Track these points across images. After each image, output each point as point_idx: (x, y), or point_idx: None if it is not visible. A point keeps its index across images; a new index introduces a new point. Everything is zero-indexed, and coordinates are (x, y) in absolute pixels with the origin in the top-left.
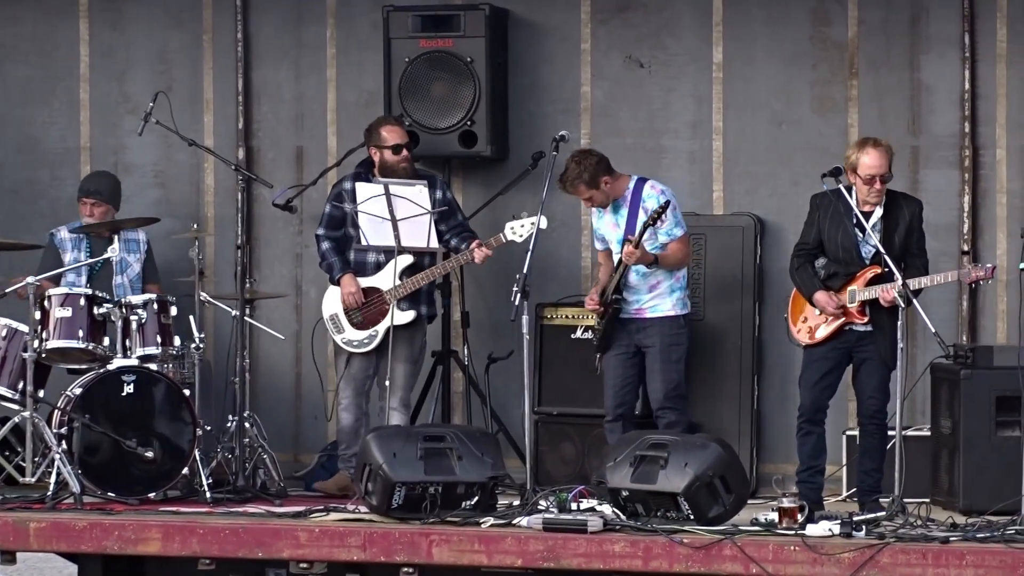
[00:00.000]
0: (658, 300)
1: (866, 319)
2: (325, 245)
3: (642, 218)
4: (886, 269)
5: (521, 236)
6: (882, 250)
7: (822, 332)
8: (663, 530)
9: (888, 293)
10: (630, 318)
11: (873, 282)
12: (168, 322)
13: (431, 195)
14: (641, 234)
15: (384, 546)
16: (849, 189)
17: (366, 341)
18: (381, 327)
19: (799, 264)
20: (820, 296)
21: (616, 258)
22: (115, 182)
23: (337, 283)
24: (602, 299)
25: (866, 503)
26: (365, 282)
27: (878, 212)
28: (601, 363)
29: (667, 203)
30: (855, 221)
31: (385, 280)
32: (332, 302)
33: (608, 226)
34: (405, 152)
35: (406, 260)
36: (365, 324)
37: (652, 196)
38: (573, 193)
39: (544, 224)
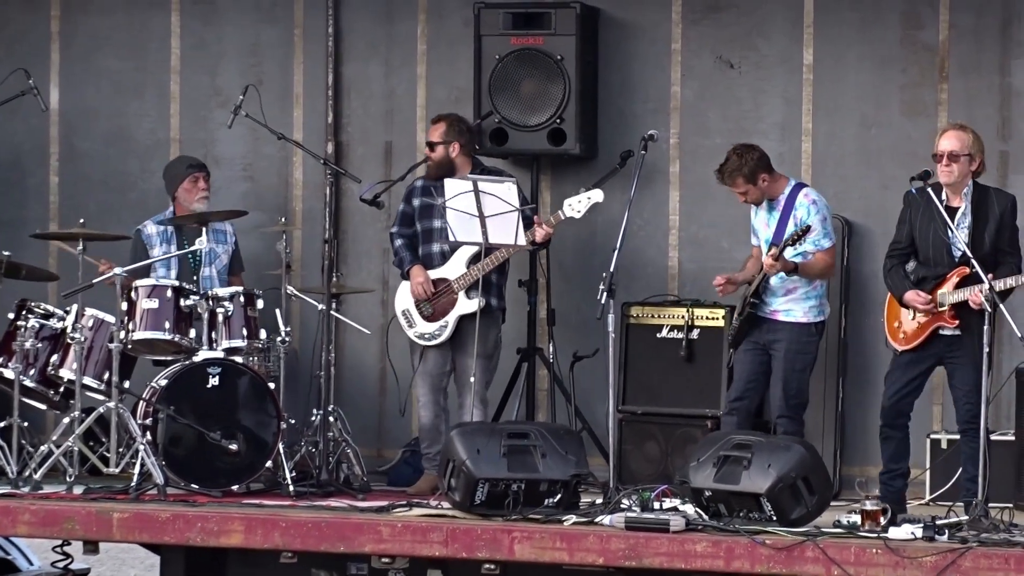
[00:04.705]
0: (792, 305)
1: (957, 323)
2: (398, 242)
3: (791, 226)
4: (974, 270)
5: (579, 212)
6: (967, 251)
7: (913, 339)
8: (745, 531)
9: (978, 296)
10: (764, 317)
11: (962, 284)
12: (254, 315)
13: None
14: (783, 248)
15: (466, 542)
16: (939, 190)
17: (437, 333)
18: (451, 318)
19: (891, 266)
20: (910, 295)
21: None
22: None
23: (407, 276)
24: (743, 298)
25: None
26: (433, 274)
27: (967, 207)
28: (733, 359)
29: (808, 227)
30: (945, 218)
31: (453, 270)
32: (403, 297)
33: (760, 224)
34: (427, 150)
35: (471, 249)
36: (435, 316)
37: (803, 205)
38: (729, 185)
39: (600, 198)
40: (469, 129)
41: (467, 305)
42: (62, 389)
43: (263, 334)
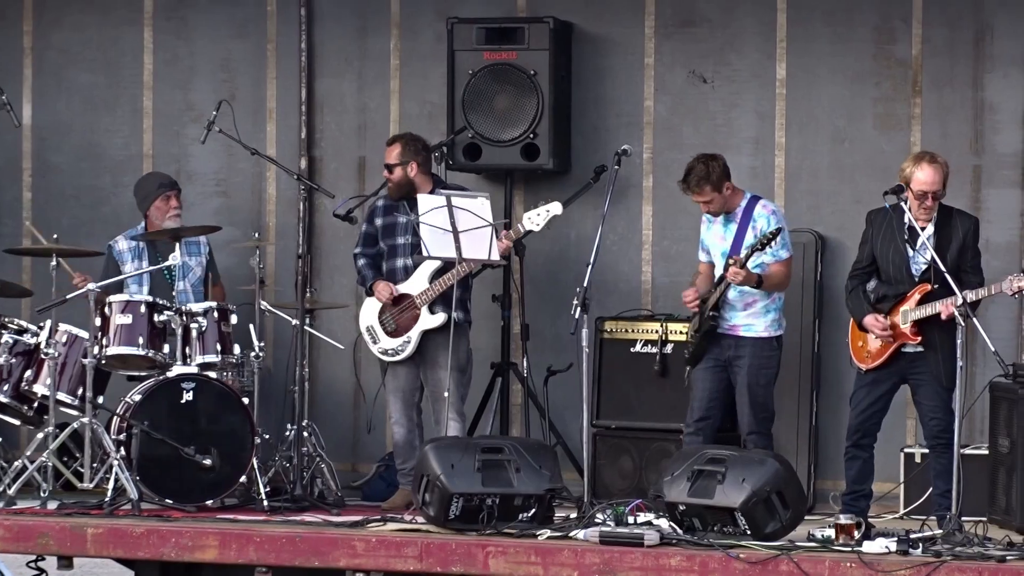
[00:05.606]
0: (752, 319)
1: (919, 339)
2: (361, 262)
3: (750, 237)
4: (936, 286)
5: (538, 225)
6: (937, 259)
7: (877, 357)
8: (720, 545)
9: (950, 307)
10: (724, 333)
11: (924, 301)
12: (228, 330)
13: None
14: (748, 256)
15: (440, 557)
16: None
17: (400, 348)
18: (414, 333)
19: (852, 288)
20: (868, 320)
21: (719, 272)
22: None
23: (371, 292)
24: (701, 314)
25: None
26: (397, 289)
27: (930, 228)
28: (690, 376)
29: (778, 230)
30: (906, 236)
31: (415, 285)
32: (367, 314)
33: (715, 237)
34: (385, 172)
35: (434, 264)
36: (398, 331)
37: (763, 216)
38: (696, 193)
39: (559, 210)
40: (425, 147)
41: (430, 320)
42: (36, 404)
43: (237, 349)
